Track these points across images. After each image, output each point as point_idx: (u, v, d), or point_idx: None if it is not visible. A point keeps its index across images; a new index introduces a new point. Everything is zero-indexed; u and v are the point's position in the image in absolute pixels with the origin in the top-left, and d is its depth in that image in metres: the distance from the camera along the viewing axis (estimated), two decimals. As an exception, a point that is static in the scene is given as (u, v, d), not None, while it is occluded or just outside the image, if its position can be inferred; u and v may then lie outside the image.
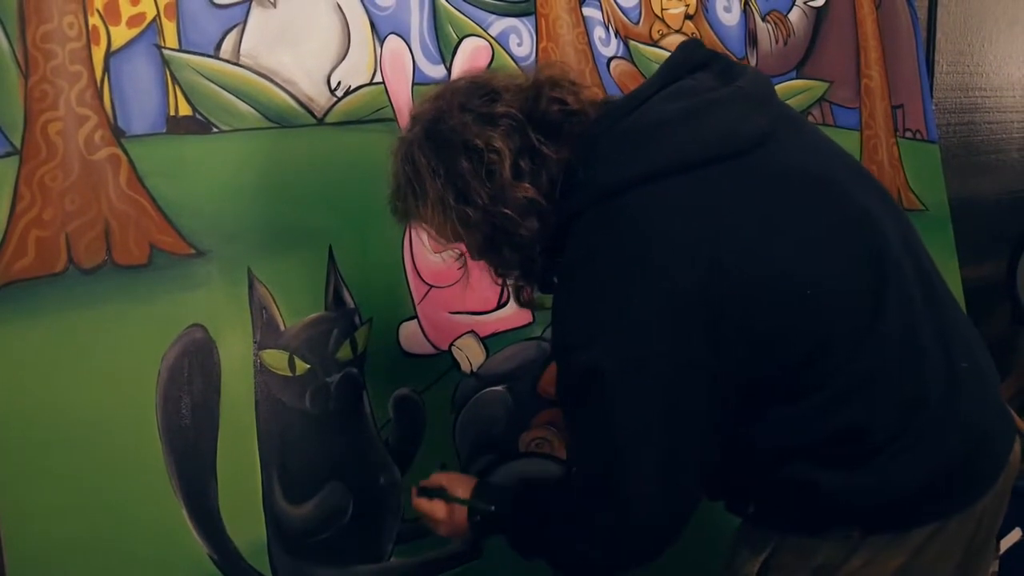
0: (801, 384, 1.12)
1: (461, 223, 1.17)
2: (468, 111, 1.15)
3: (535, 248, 1.18)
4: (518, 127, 1.14)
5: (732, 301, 1.07)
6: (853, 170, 1.25)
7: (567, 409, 1.22)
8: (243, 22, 1.42)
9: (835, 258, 1.13)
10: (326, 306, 1.47)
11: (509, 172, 1.13)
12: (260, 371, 1.41)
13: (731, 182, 1.10)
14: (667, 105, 1.13)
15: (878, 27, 2.27)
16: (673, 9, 1.90)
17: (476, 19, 1.64)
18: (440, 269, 1.58)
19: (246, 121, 1.42)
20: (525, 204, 1.14)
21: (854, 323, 1.12)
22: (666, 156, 1.09)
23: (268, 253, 1.42)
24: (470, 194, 1.14)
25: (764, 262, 1.09)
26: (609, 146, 1.12)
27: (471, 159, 1.14)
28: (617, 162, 1.11)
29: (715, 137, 1.11)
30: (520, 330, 1.67)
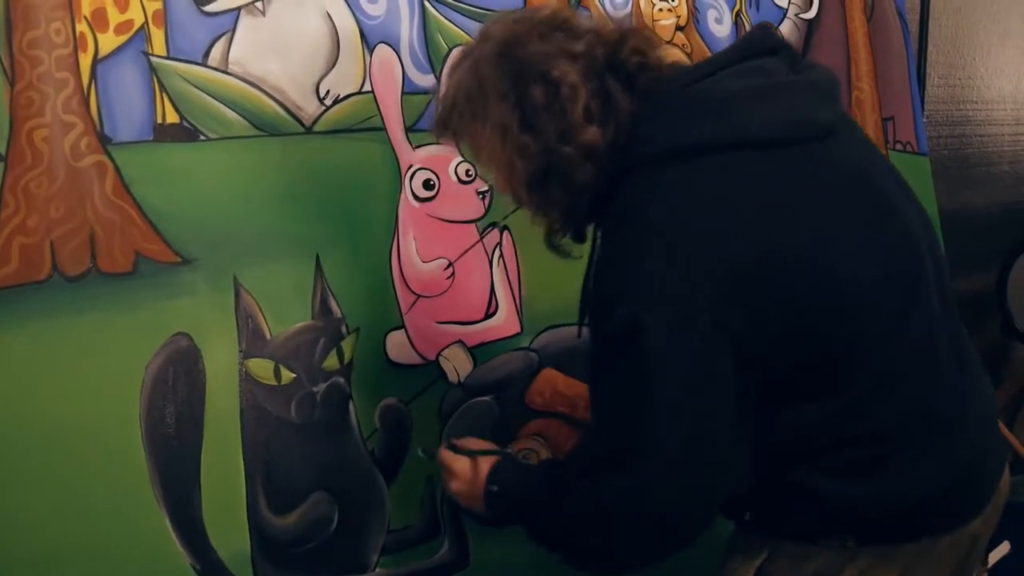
0: (819, 385, 1.12)
1: (518, 153, 1.15)
2: (549, 42, 1.13)
3: (585, 194, 1.17)
4: (596, 70, 1.13)
5: (778, 281, 1.07)
6: (900, 184, 1.26)
7: (599, 373, 1.17)
8: (232, 30, 1.42)
9: (877, 265, 1.13)
10: (313, 315, 1.47)
11: (581, 112, 1.11)
12: (245, 380, 1.40)
13: (793, 167, 1.11)
14: (739, 80, 1.13)
15: (869, 40, 2.27)
16: (664, 20, 1.90)
17: (467, 29, 1.64)
18: (428, 278, 1.57)
19: (234, 129, 1.42)
20: (588, 148, 1.13)
21: (881, 330, 1.13)
22: (734, 129, 1.09)
23: (254, 261, 1.42)
24: (536, 126, 1.13)
25: (814, 250, 1.09)
26: (678, 108, 1.12)
27: (546, 91, 1.12)
28: (685, 126, 1.11)
29: (785, 120, 1.12)
30: (508, 340, 1.66)
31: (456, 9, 1.63)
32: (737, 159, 1.09)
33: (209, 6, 1.40)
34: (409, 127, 1.57)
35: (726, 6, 1.99)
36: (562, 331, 1.72)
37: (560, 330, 1.71)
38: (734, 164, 1.09)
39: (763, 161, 1.10)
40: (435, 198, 1.59)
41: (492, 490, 1.29)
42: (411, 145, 1.57)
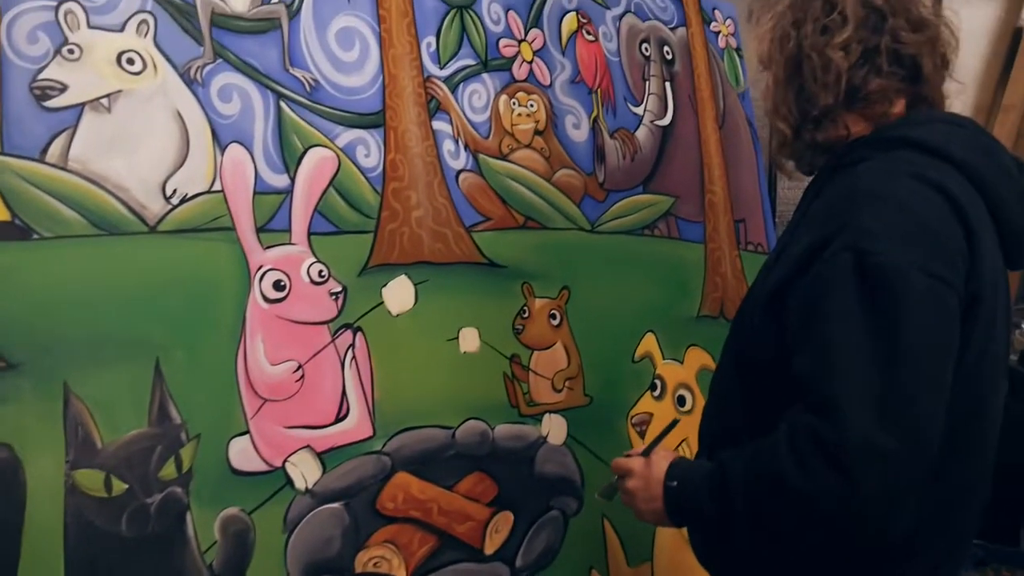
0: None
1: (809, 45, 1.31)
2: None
3: (818, 115, 1.31)
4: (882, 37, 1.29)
5: (974, 303, 1.18)
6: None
7: (824, 322, 1.14)
8: (74, 126, 1.38)
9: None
10: (149, 422, 1.40)
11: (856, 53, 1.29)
12: (72, 493, 1.32)
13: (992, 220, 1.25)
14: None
15: (721, 146, 2.37)
16: (523, 125, 1.94)
17: (323, 130, 1.64)
18: (275, 382, 1.53)
19: (71, 228, 1.36)
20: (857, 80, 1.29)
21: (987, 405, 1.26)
22: (977, 166, 1.24)
23: (88, 366, 1.35)
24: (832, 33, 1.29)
25: (994, 299, 1.21)
26: (935, 122, 1.28)
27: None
28: (946, 138, 1.25)
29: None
30: (360, 444, 1.63)
31: (312, 110, 1.62)
32: (967, 186, 1.24)
33: (50, 102, 1.36)
34: (260, 227, 1.54)
35: (583, 112, 2.05)
36: (417, 433, 1.70)
37: (414, 432, 1.69)
38: (966, 190, 1.23)
39: (980, 197, 1.25)
40: (285, 299, 1.55)
41: (671, 486, 1.30)
42: (262, 245, 1.54)
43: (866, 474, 1.07)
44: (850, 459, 1.06)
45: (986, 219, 1.23)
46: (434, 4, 1.82)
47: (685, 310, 2.21)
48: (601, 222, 2.06)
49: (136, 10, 1.44)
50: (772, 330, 1.24)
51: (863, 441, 1.06)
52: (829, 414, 1.09)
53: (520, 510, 1.83)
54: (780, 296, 1.23)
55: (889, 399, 1.07)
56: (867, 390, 1.08)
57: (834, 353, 1.11)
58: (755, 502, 1.17)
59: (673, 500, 1.31)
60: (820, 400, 1.10)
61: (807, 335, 1.16)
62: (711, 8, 2.43)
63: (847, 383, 1.09)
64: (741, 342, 1.37)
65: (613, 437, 1.97)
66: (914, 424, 1.08)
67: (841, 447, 1.07)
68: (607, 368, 2.02)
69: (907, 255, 1.11)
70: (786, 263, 1.24)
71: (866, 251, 1.11)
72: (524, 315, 1.89)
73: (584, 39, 2.09)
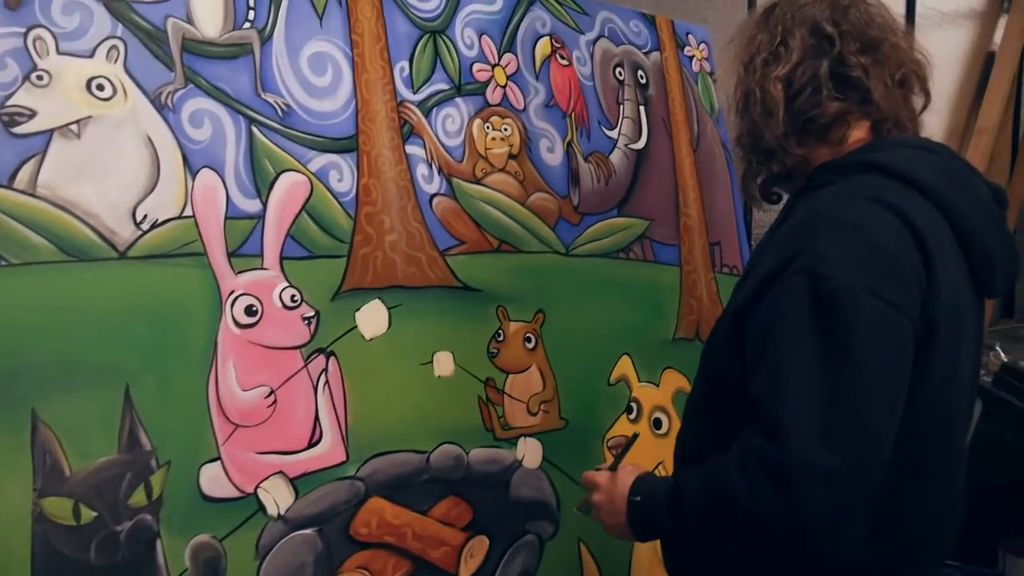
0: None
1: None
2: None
3: (769, 147, 1.34)
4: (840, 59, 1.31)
5: (930, 329, 1.18)
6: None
7: (776, 344, 1.17)
8: (43, 152, 1.38)
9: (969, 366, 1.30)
10: (119, 449, 1.39)
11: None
12: (39, 521, 1.31)
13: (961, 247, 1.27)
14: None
15: (696, 169, 2.39)
16: (497, 148, 1.95)
17: (295, 154, 1.64)
18: (247, 407, 1.53)
19: (40, 255, 1.36)
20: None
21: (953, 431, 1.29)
22: (945, 192, 1.25)
23: (56, 393, 1.34)
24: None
25: (956, 325, 1.22)
26: (901, 147, 1.30)
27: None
28: (911, 163, 1.26)
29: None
30: (333, 469, 1.62)
31: (284, 135, 1.62)
32: (934, 214, 1.26)
33: (19, 128, 1.36)
34: (232, 252, 1.54)
35: (558, 135, 2.06)
36: (390, 458, 1.69)
37: (388, 457, 1.69)
38: (934, 217, 1.25)
39: (946, 223, 1.27)
40: (257, 324, 1.55)
41: (635, 501, 1.33)
42: (233, 270, 1.53)
43: (810, 494, 1.08)
44: (794, 480, 1.08)
45: (951, 245, 1.24)
46: (407, 29, 1.83)
47: (661, 333, 2.22)
48: (576, 245, 2.06)
49: (106, 36, 1.45)
50: (736, 351, 1.25)
51: (806, 462, 1.08)
52: (775, 435, 1.10)
53: (495, 534, 1.82)
54: (743, 317, 1.24)
55: (834, 420, 1.09)
56: (813, 411, 1.09)
57: (783, 375, 1.13)
58: (709, 520, 1.20)
59: (636, 515, 1.33)
60: (768, 421, 1.12)
61: (761, 356, 1.17)
62: (685, 33, 2.45)
63: (793, 404, 1.11)
64: (710, 363, 1.38)
65: (589, 460, 1.96)
66: (859, 445, 1.10)
67: (785, 468, 1.09)
68: (583, 391, 2.02)
69: (859, 279, 1.12)
70: (750, 285, 1.25)
71: (819, 275, 1.13)
72: (499, 339, 1.89)
73: (558, 63, 2.10)
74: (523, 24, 2.04)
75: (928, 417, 1.20)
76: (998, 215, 1.32)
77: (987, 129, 4.07)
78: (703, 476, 1.22)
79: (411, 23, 1.84)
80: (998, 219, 1.32)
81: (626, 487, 1.37)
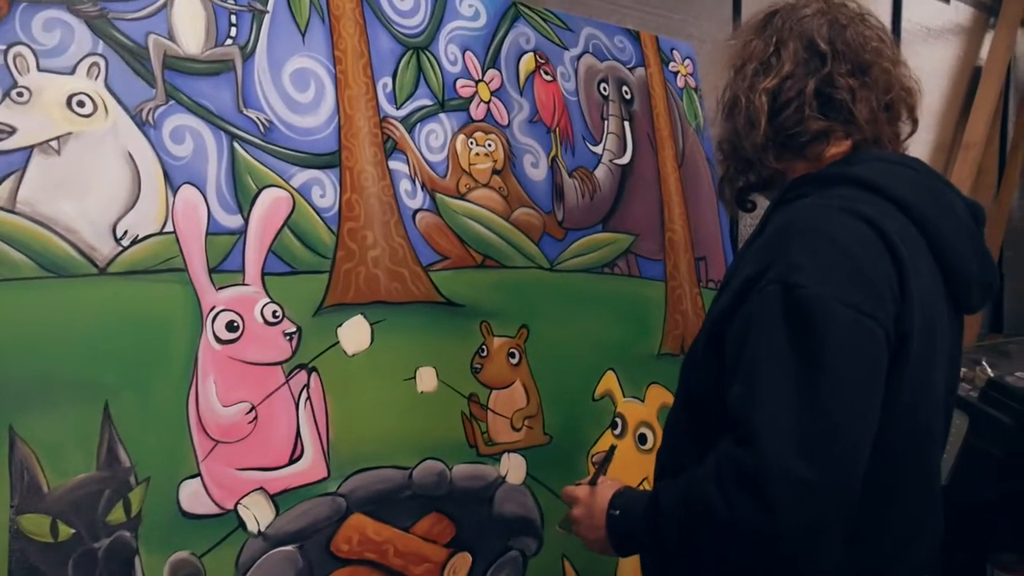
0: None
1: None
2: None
3: (747, 156, 1.36)
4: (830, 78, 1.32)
5: (903, 342, 1.18)
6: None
7: (751, 353, 1.17)
8: (22, 169, 1.38)
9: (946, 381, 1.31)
10: (97, 465, 1.39)
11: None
12: (16, 538, 1.30)
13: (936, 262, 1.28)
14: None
15: (681, 184, 2.40)
16: (480, 164, 1.95)
17: (277, 170, 1.64)
18: (228, 423, 1.52)
19: (19, 271, 1.36)
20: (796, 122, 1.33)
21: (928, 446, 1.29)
22: (919, 206, 1.26)
23: (34, 409, 1.34)
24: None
25: (930, 338, 1.23)
26: (878, 161, 1.30)
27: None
28: (887, 177, 1.27)
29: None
30: (314, 485, 1.61)
31: (266, 151, 1.63)
32: (909, 228, 1.27)
33: (-3, 144, 1.36)
34: (213, 268, 1.54)
35: (542, 151, 2.07)
36: (372, 474, 1.69)
37: (370, 473, 1.68)
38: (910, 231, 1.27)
39: (921, 237, 1.28)
40: (238, 340, 1.55)
41: (614, 514, 1.34)
42: (214, 286, 1.53)
43: (785, 504, 1.08)
44: (769, 489, 1.08)
45: (926, 259, 1.25)
46: (390, 45, 1.84)
47: (646, 348, 2.22)
48: (560, 260, 2.07)
49: (87, 52, 1.45)
50: (713, 363, 1.25)
51: (781, 470, 1.08)
52: (750, 444, 1.11)
53: (478, 551, 1.82)
54: (721, 328, 1.24)
55: (809, 429, 1.09)
56: (787, 420, 1.09)
57: (758, 384, 1.13)
58: (685, 530, 1.20)
59: (615, 529, 1.33)
60: (743, 430, 1.12)
61: (736, 367, 1.18)
62: (670, 49, 2.46)
63: (768, 413, 1.11)
64: (689, 379, 1.38)
65: (573, 476, 1.95)
66: (834, 454, 1.10)
67: (760, 478, 1.09)
68: (567, 407, 2.02)
69: (832, 289, 1.12)
70: (726, 298, 1.25)
71: (793, 284, 1.13)
72: (482, 354, 1.89)
73: (542, 79, 2.11)
74: (507, 40, 2.05)
75: (900, 432, 1.20)
76: (974, 231, 1.33)
77: (974, 143, 4.09)
78: (681, 487, 1.22)
79: (394, 39, 1.85)
80: (974, 234, 1.33)
81: (605, 501, 1.37)
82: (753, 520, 1.10)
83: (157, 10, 1.53)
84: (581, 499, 1.42)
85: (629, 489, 1.40)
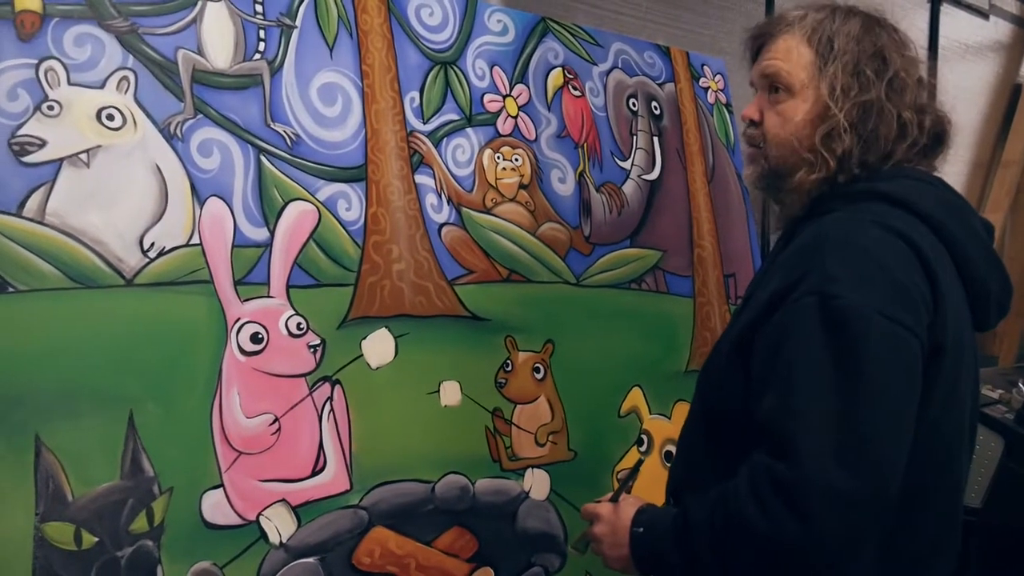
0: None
1: (843, 90, 1.28)
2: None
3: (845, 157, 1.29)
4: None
5: (936, 354, 1.17)
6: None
7: (787, 365, 1.15)
8: (52, 181, 1.40)
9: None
10: (121, 474, 1.40)
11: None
12: (40, 545, 1.32)
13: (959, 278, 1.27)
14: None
15: (710, 200, 2.38)
16: (507, 179, 1.95)
17: (304, 183, 1.65)
18: (251, 434, 1.53)
19: (47, 281, 1.38)
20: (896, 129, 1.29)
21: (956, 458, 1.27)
22: (945, 222, 1.25)
23: (60, 418, 1.36)
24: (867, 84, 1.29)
25: (959, 352, 1.21)
26: (902, 178, 1.28)
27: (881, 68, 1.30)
28: (912, 192, 1.25)
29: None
30: (336, 498, 1.62)
31: (293, 164, 1.64)
32: (936, 245, 1.25)
33: (29, 157, 1.38)
34: (238, 280, 1.55)
35: (569, 166, 2.07)
36: (395, 487, 1.69)
37: (393, 486, 1.68)
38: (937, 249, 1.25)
39: (948, 257, 1.27)
40: (263, 352, 1.56)
41: (637, 532, 1.31)
42: (240, 298, 1.55)
43: (825, 516, 1.06)
44: (808, 501, 1.06)
45: (952, 273, 1.23)
46: (418, 60, 1.85)
47: (673, 365, 2.20)
48: (587, 275, 2.06)
49: (117, 67, 1.47)
50: (738, 377, 1.24)
51: (821, 482, 1.06)
52: (787, 455, 1.09)
53: (500, 566, 1.81)
54: (746, 342, 1.23)
55: (848, 440, 1.07)
56: (826, 431, 1.08)
57: (795, 395, 1.12)
58: (719, 547, 1.17)
59: (639, 547, 1.31)
60: (779, 442, 1.10)
61: (770, 378, 1.16)
62: (700, 64, 2.46)
63: (806, 424, 1.09)
64: (708, 393, 1.37)
65: (598, 493, 1.92)
66: (874, 466, 1.08)
67: (798, 489, 1.07)
68: (592, 423, 2.01)
69: (870, 299, 1.11)
70: (753, 309, 1.24)
71: (830, 295, 1.12)
72: (507, 368, 1.88)
73: (570, 94, 2.11)
74: (535, 55, 2.05)
75: (929, 442, 1.18)
76: (991, 248, 1.32)
77: (1014, 161, 4.03)
78: (711, 502, 1.20)
79: (422, 54, 1.86)
80: (991, 252, 1.31)
81: (628, 518, 1.35)
82: (791, 533, 1.08)
83: (187, 25, 1.55)
84: (603, 516, 1.40)
85: (651, 506, 1.38)
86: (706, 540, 1.19)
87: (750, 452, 1.16)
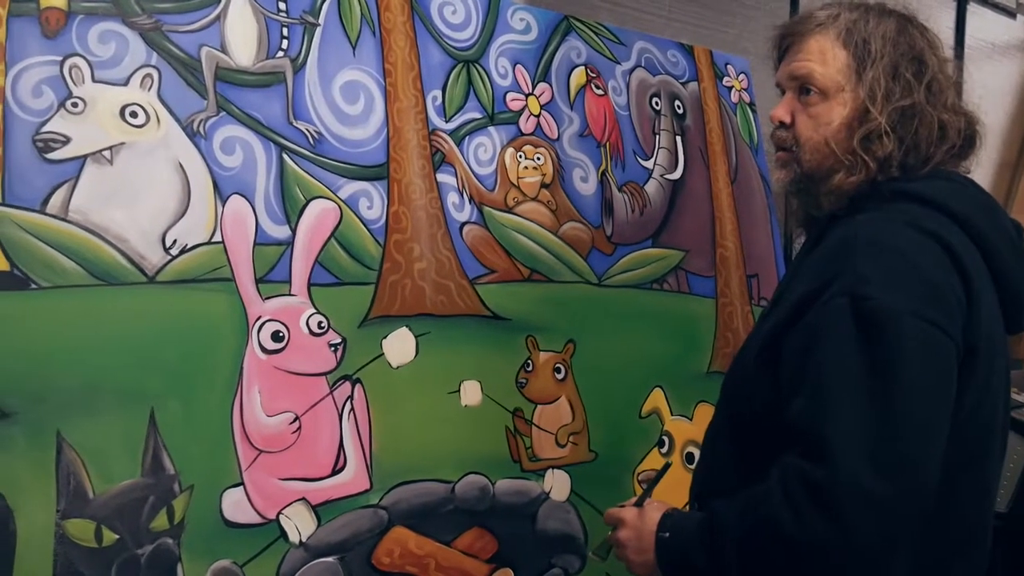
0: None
1: (873, 89, 1.26)
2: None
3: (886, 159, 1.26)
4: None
5: (970, 355, 1.15)
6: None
7: (819, 366, 1.13)
8: (75, 178, 1.40)
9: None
10: (142, 472, 1.40)
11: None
12: (61, 542, 1.32)
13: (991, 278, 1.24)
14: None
15: (733, 200, 2.36)
16: (529, 178, 1.94)
17: (326, 182, 1.65)
18: (271, 433, 1.53)
19: (70, 278, 1.38)
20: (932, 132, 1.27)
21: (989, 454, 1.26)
22: (977, 222, 1.23)
23: (82, 415, 1.36)
24: (905, 89, 1.27)
25: (992, 353, 1.19)
26: (933, 178, 1.27)
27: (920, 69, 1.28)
28: (945, 192, 1.24)
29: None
30: (356, 497, 1.61)
31: (315, 162, 1.64)
32: (968, 245, 1.23)
33: (52, 154, 1.38)
34: (260, 278, 1.55)
35: (591, 165, 2.06)
36: (415, 487, 1.68)
37: (413, 486, 1.68)
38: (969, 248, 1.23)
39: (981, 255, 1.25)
40: (284, 350, 1.56)
41: (663, 537, 1.28)
42: (261, 296, 1.54)
43: (859, 519, 1.04)
44: (842, 504, 1.04)
45: (985, 274, 1.21)
46: (440, 58, 1.84)
47: (695, 366, 2.19)
48: (609, 275, 2.05)
49: (141, 64, 1.47)
50: (767, 380, 1.22)
51: (855, 485, 1.04)
52: (821, 458, 1.07)
53: (520, 567, 1.80)
54: (775, 344, 1.21)
55: (883, 443, 1.05)
56: (860, 434, 1.06)
57: (827, 397, 1.10)
58: (749, 550, 1.14)
59: (665, 552, 1.28)
60: (812, 444, 1.08)
61: (801, 379, 1.14)
62: (724, 63, 2.44)
63: (839, 426, 1.07)
64: (734, 396, 1.35)
65: (619, 494, 1.93)
66: (909, 468, 1.06)
67: (833, 492, 1.05)
68: (613, 423, 2.00)
69: (903, 300, 1.09)
70: (782, 311, 1.22)
71: (862, 296, 1.10)
72: (528, 368, 1.87)
73: (593, 93, 2.10)
74: (558, 54, 2.04)
75: (962, 442, 1.16)
76: (1021, 248, 1.29)
77: (1040, 162, 3.98)
78: (740, 506, 1.18)
79: (445, 52, 1.85)
80: (1021, 252, 1.29)
81: (654, 523, 1.32)
82: (825, 536, 1.06)
83: (211, 23, 1.55)
84: (628, 521, 1.37)
85: (677, 511, 1.36)
86: (736, 544, 1.16)
87: (777, 456, 1.14)
